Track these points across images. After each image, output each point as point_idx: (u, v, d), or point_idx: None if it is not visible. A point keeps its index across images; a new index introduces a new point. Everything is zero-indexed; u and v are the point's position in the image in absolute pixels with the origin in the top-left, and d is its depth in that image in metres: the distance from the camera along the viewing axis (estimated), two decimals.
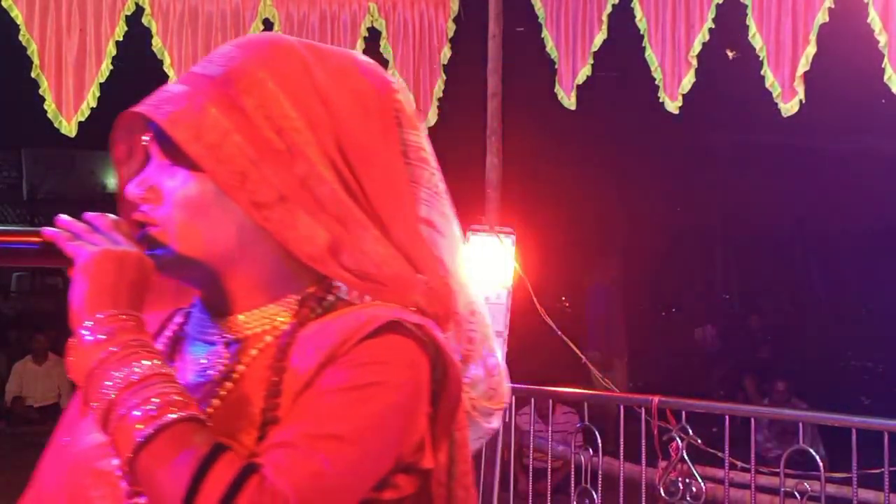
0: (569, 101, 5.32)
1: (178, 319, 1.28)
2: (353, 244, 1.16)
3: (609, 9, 5.11)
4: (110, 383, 1.05)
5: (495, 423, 1.36)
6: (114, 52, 5.00)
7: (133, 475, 1.05)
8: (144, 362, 1.06)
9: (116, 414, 1.04)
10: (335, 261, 1.16)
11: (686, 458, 4.26)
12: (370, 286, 1.18)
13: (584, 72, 5.25)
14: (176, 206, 1.18)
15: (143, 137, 1.22)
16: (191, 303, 1.28)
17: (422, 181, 1.26)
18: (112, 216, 1.18)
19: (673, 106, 4.97)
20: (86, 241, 1.14)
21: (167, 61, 5.08)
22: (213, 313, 1.23)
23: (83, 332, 1.09)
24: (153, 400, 1.04)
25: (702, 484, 4.21)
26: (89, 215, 1.17)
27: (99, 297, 1.10)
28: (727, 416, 4.22)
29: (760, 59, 4.67)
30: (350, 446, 1.06)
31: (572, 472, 4.80)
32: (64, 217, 1.17)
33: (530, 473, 5.15)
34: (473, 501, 1.25)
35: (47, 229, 1.16)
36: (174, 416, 1.03)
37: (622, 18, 5.09)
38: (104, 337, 1.08)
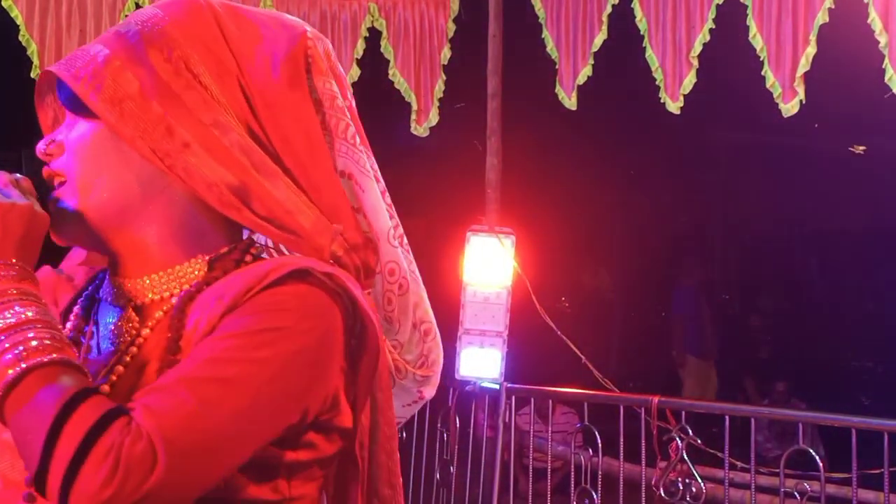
0: (570, 101, 5.32)
1: (98, 282, 1.26)
2: (263, 191, 1.13)
3: (609, 9, 5.11)
4: None
5: (428, 391, 1.31)
6: None
7: (3, 419, 1.02)
8: (17, 309, 1.04)
9: None
10: (246, 208, 1.12)
11: (686, 458, 4.25)
12: (285, 235, 1.14)
13: (585, 72, 5.25)
14: (74, 154, 1.17)
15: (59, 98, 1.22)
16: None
17: (336, 132, 1.20)
18: (8, 173, 1.17)
19: (674, 106, 4.97)
20: None
21: None
22: (123, 275, 1.19)
23: None
24: (22, 345, 1.01)
25: (702, 484, 4.21)
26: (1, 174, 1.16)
27: None
28: (727, 416, 4.22)
29: (761, 59, 4.67)
30: (234, 390, 1.01)
31: (572, 473, 4.80)
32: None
33: (530, 473, 5.15)
34: (396, 467, 1.21)
35: None
36: (44, 358, 1.01)
37: (622, 19, 5.10)
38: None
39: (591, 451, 4.68)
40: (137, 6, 5.01)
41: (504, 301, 5.07)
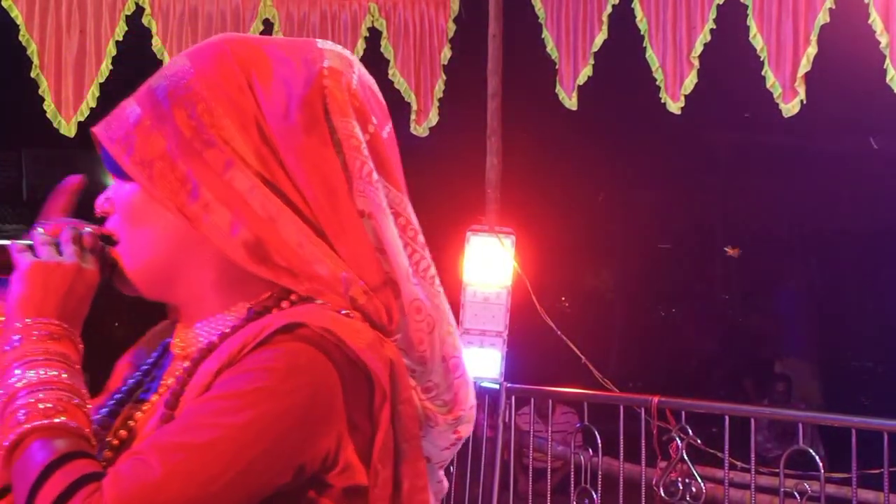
0: (570, 101, 5.32)
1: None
2: (280, 242, 1.14)
3: (609, 9, 5.11)
4: (1, 391, 1.10)
5: (465, 429, 1.26)
6: (114, 52, 5.00)
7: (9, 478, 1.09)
8: (40, 371, 1.09)
9: (1, 420, 1.09)
10: (263, 262, 1.14)
11: (686, 458, 4.26)
12: (306, 285, 1.14)
13: (585, 72, 5.25)
14: (120, 215, 1.22)
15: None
16: None
17: (354, 171, 1.17)
18: (77, 226, 1.22)
19: (675, 107, 4.97)
20: (37, 252, 1.18)
21: (167, 61, 5.07)
22: (182, 325, 1.23)
23: (7, 336, 1.14)
24: (24, 409, 1.07)
25: (701, 484, 4.21)
26: (53, 225, 1.22)
27: (22, 306, 1.15)
28: (727, 417, 4.22)
29: (761, 59, 4.67)
30: (206, 457, 1.01)
31: (572, 473, 4.80)
32: (41, 228, 1.22)
33: (530, 473, 5.15)
34: None
35: (14, 244, 1.20)
36: (36, 423, 1.06)
37: (622, 19, 5.10)
38: (16, 344, 1.12)
39: (591, 451, 4.68)
40: (138, 6, 5.01)
41: (504, 301, 5.07)
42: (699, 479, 4.22)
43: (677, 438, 4.25)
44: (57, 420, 1.06)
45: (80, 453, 1.06)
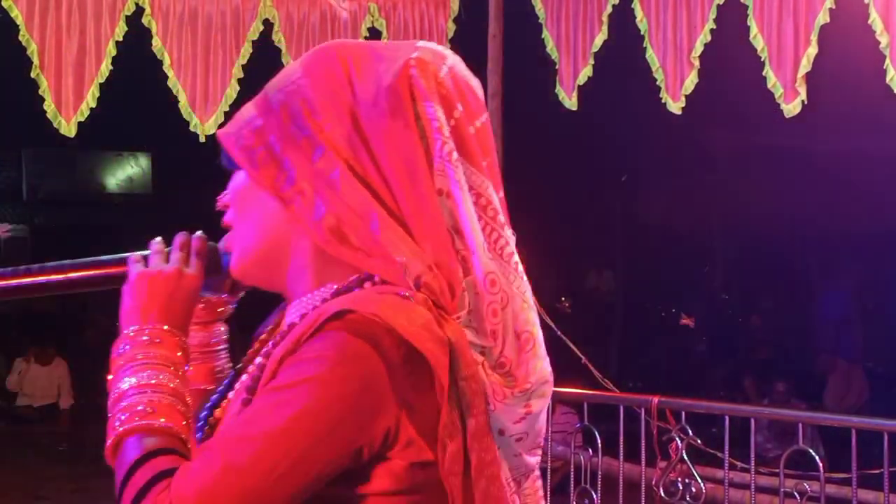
0: (570, 101, 5.32)
1: None
2: (359, 227, 1.22)
3: (609, 9, 5.11)
4: (112, 395, 1.24)
5: (537, 404, 1.26)
6: (114, 52, 4.99)
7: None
8: (133, 378, 1.23)
9: (109, 424, 1.21)
10: (343, 244, 1.22)
11: (686, 458, 4.25)
12: (380, 266, 1.21)
13: (586, 72, 5.25)
14: (233, 205, 1.33)
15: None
16: None
17: (435, 151, 1.24)
18: (189, 234, 1.35)
19: (676, 107, 4.97)
20: (148, 261, 1.33)
21: (167, 61, 5.07)
22: (287, 306, 1.33)
23: (119, 343, 1.28)
24: (125, 412, 1.20)
25: (701, 484, 4.21)
26: (179, 236, 1.35)
27: (130, 315, 1.29)
28: (727, 417, 4.22)
29: (762, 59, 4.67)
30: (257, 448, 1.10)
31: (572, 473, 4.80)
32: (158, 237, 1.36)
33: None
34: (500, 492, 1.23)
35: (132, 256, 1.35)
36: (131, 424, 1.19)
37: (623, 19, 5.10)
38: (123, 351, 1.26)
39: (591, 451, 4.68)
40: (138, 6, 5.01)
41: None
42: (699, 480, 4.22)
43: (677, 438, 4.25)
44: (150, 421, 1.19)
45: (166, 450, 1.16)
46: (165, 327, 1.27)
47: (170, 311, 1.28)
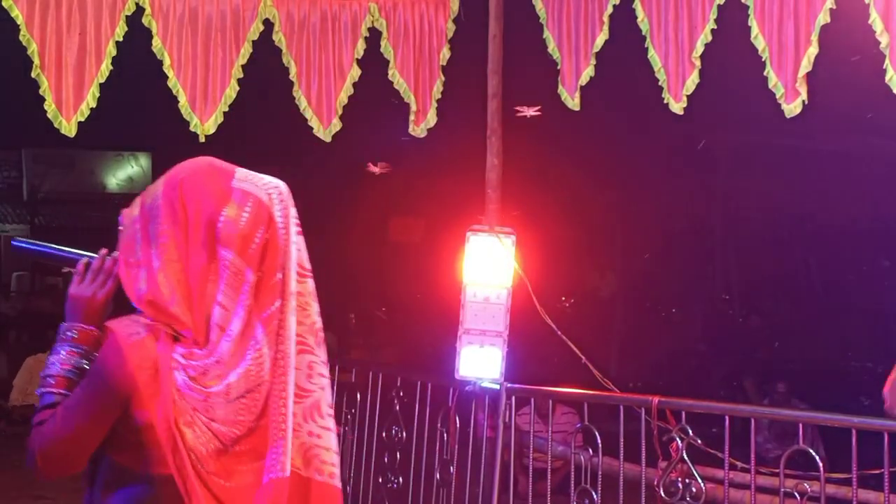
0: (573, 101, 5.31)
1: None
2: (162, 300, 1.97)
3: (610, 9, 5.10)
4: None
5: (215, 390, 1.95)
6: (114, 53, 4.99)
7: None
8: (53, 356, 2.09)
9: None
10: (148, 307, 1.98)
11: (686, 458, 4.26)
12: (163, 318, 1.98)
13: (588, 73, 5.24)
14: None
15: None
16: None
17: (223, 279, 1.95)
18: (106, 255, 2.16)
19: (678, 107, 4.97)
20: (90, 279, 2.15)
21: (167, 62, 5.08)
22: None
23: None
24: (49, 379, 2.08)
25: (702, 484, 4.21)
26: (97, 260, 2.17)
27: (66, 316, 2.13)
28: (727, 417, 4.22)
29: (763, 59, 4.67)
30: (69, 413, 1.96)
31: (572, 473, 4.80)
32: (85, 259, 2.18)
33: (530, 473, 5.15)
34: (177, 443, 1.91)
35: (94, 259, 2.16)
36: (44, 389, 2.07)
37: (624, 19, 5.09)
38: (62, 338, 2.12)
39: (591, 451, 4.68)
40: (138, 6, 5.01)
41: (504, 301, 5.07)
42: (699, 479, 4.22)
43: (677, 438, 4.25)
44: (52, 391, 2.06)
45: (52, 405, 2.02)
46: (81, 325, 2.10)
47: (86, 317, 2.11)
